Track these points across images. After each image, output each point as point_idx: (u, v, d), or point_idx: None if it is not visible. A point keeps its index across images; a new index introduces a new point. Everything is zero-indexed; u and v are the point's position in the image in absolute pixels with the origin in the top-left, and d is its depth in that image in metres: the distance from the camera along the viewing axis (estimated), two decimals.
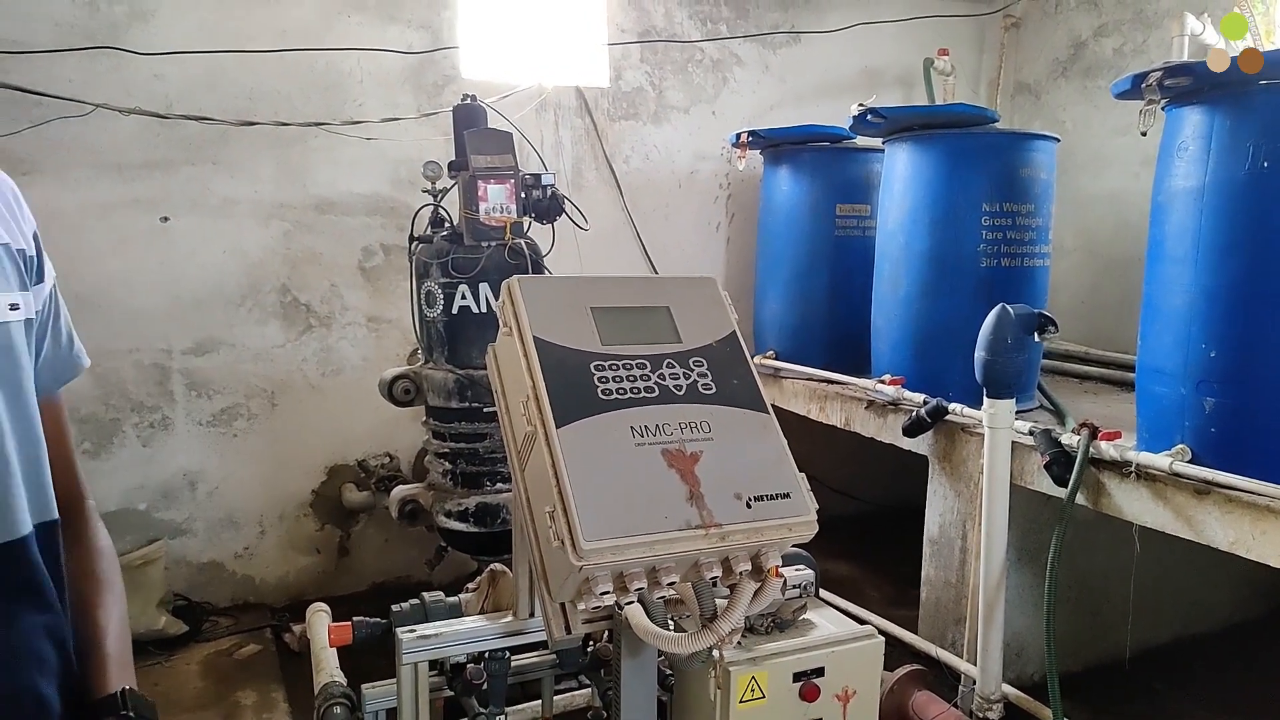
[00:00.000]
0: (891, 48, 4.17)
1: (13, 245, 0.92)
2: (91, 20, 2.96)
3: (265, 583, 3.46)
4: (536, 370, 1.17)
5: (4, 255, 0.90)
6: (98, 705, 0.95)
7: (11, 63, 2.83)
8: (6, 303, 0.89)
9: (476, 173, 2.67)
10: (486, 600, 1.50)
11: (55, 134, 2.89)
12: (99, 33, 2.96)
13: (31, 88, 2.83)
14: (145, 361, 3.17)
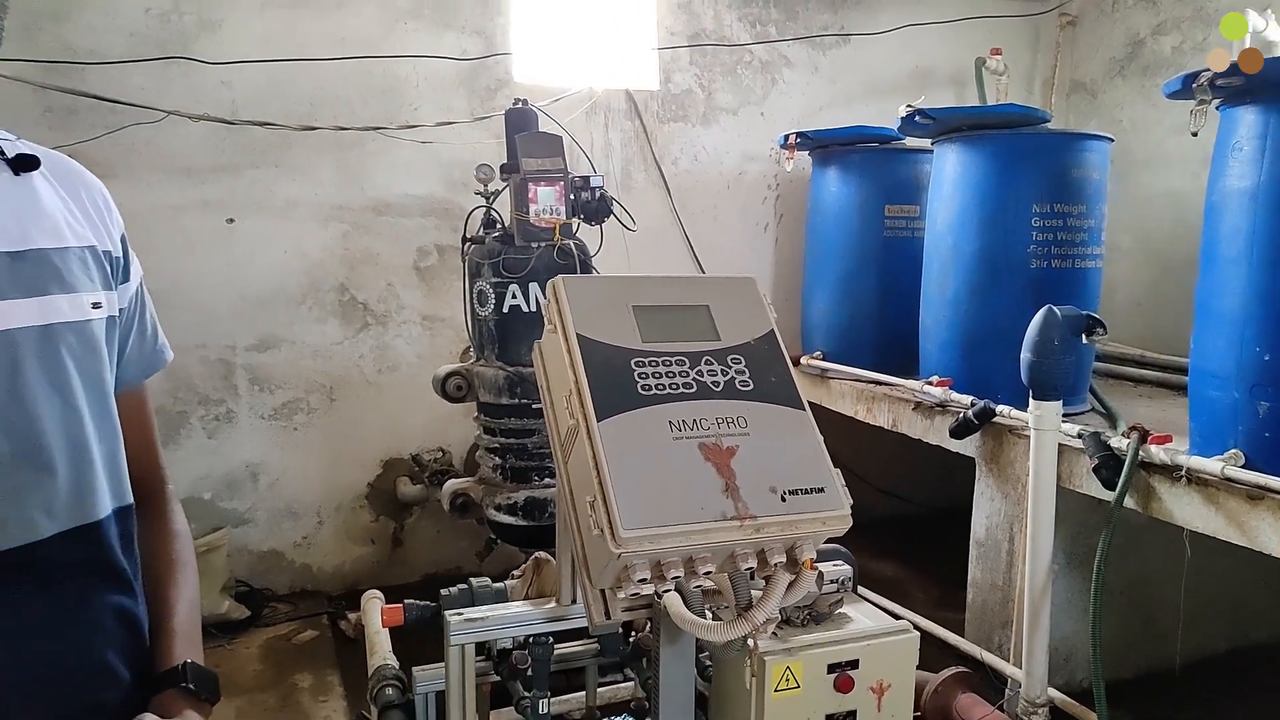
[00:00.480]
0: (943, 47, 4.14)
1: (99, 247, 0.98)
2: (163, 30, 3.10)
3: (323, 571, 3.58)
4: (579, 366, 1.21)
5: (89, 257, 0.96)
6: (161, 677, 1.00)
7: (90, 72, 2.98)
8: (89, 301, 0.95)
9: (527, 175, 2.73)
10: (531, 587, 1.56)
11: (129, 139, 3.04)
12: (170, 42, 3.10)
13: (108, 95, 2.98)
14: (211, 357, 3.31)
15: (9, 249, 0.87)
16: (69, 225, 0.95)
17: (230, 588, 3.33)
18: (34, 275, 0.89)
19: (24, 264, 0.88)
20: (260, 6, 3.20)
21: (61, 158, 1.01)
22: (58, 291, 0.91)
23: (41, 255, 0.90)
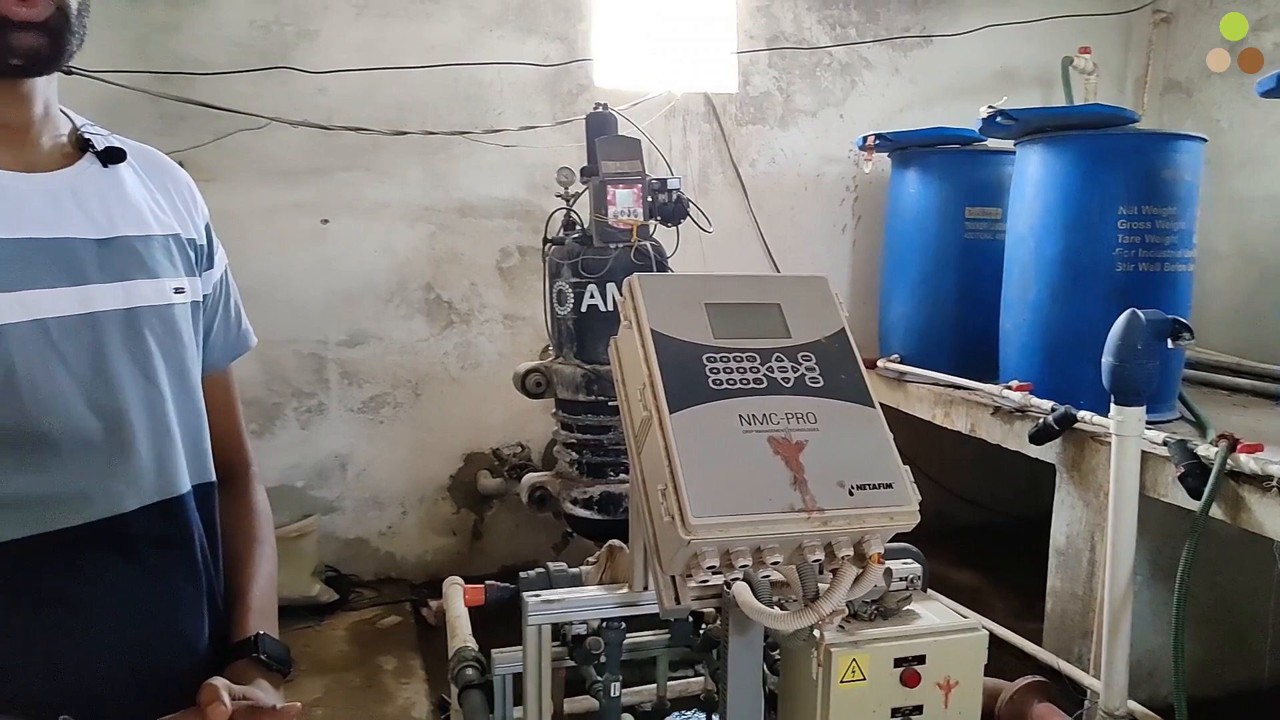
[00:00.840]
0: (1028, 47, 4.05)
1: (183, 235, 1.03)
2: (265, 40, 3.28)
3: (405, 560, 3.72)
4: (653, 360, 1.25)
5: (173, 244, 1.00)
6: (235, 647, 1.03)
7: (198, 80, 3.17)
8: (172, 286, 0.98)
9: (606, 178, 2.80)
10: (604, 573, 1.61)
11: (233, 144, 3.22)
12: (271, 51, 3.27)
13: (214, 103, 3.16)
14: (304, 351, 3.48)
15: (97, 236, 0.92)
16: (154, 214, 0.99)
17: (320, 572, 3.49)
18: (119, 261, 0.93)
19: (110, 250, 0.92)
20: (354, 16, 3.35)
21: (150, 150, 1.06)
22: (141, 277, 0.95)
23: (126, 242, 0.94)
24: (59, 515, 0.86)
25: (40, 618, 0.86)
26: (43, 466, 0.85)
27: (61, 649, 0.86)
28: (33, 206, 0.87)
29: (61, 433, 0.86)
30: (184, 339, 0.99)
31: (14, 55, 0.82)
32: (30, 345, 0.84)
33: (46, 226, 0.87)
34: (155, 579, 0.94)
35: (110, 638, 0.89)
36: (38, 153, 0.90)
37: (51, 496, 0.86)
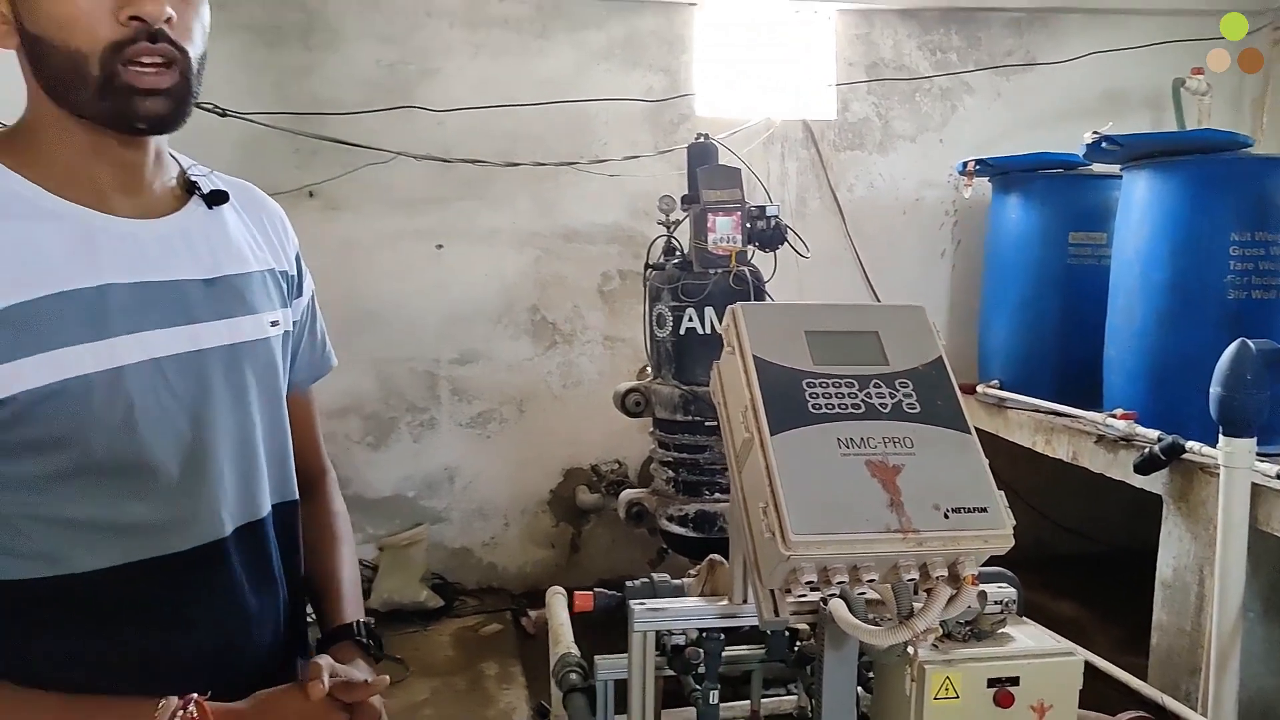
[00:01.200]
0: (1137, 69, 3.96)
1: (277, 268, 1.08)
2: (390, 78, 3.52)
3: (507, 570, 3.88)
4: (755, 385, 1.32)
5: (269, 278, 1.06)
6: (334, 632, 1.10)
7: (330, 119, 3.43)
8: (269, 320, 1.04)
9: (707, 206, 2.90)
10: (705, 585, 1.69)
11: (359, 177, 3.47)
12: (396, 89, 3.51)
13: (346, 139, 3.42)
14: (419, 369, 3.69)
15: (204, 276, 0.98)
16: (252, 250, 1.05)
17: (427, 579, 3.68)
18: (223, 300, 0.99)
19: (215, 290, 0.98)
20: (472, 55, 3.57)
21: (247, 186, 1.11)
22: (242, 313, 1.01)
23: (229, 281, 1.00)
24: (165, 540, 0.93)
25: (143, 630, 0.93)
26: (153, 495, 0.92)
27: (155, 657, 0.93)
28: (149, 252, 0.93)
29: (169, 464, 0.93)
30: (277, 368, 1.06)
31: (139, 120, 0.88)
32: (146, 383, 0.91)
33: (160, 270, 0.94)
34: (239, 595, 1.00)
35: (197, 648, 0.96)
36: (152, 198, 0.97)
37: (159, 523, 0.93)
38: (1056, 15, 3.97)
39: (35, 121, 0.90)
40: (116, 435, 0.88)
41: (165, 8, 0.84)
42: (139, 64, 0.85)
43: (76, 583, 0.89)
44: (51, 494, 0.87)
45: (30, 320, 0.83)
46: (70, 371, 0.85)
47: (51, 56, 0.85)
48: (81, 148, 0.90)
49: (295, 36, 3.45)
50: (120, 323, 0.89)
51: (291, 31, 3.45)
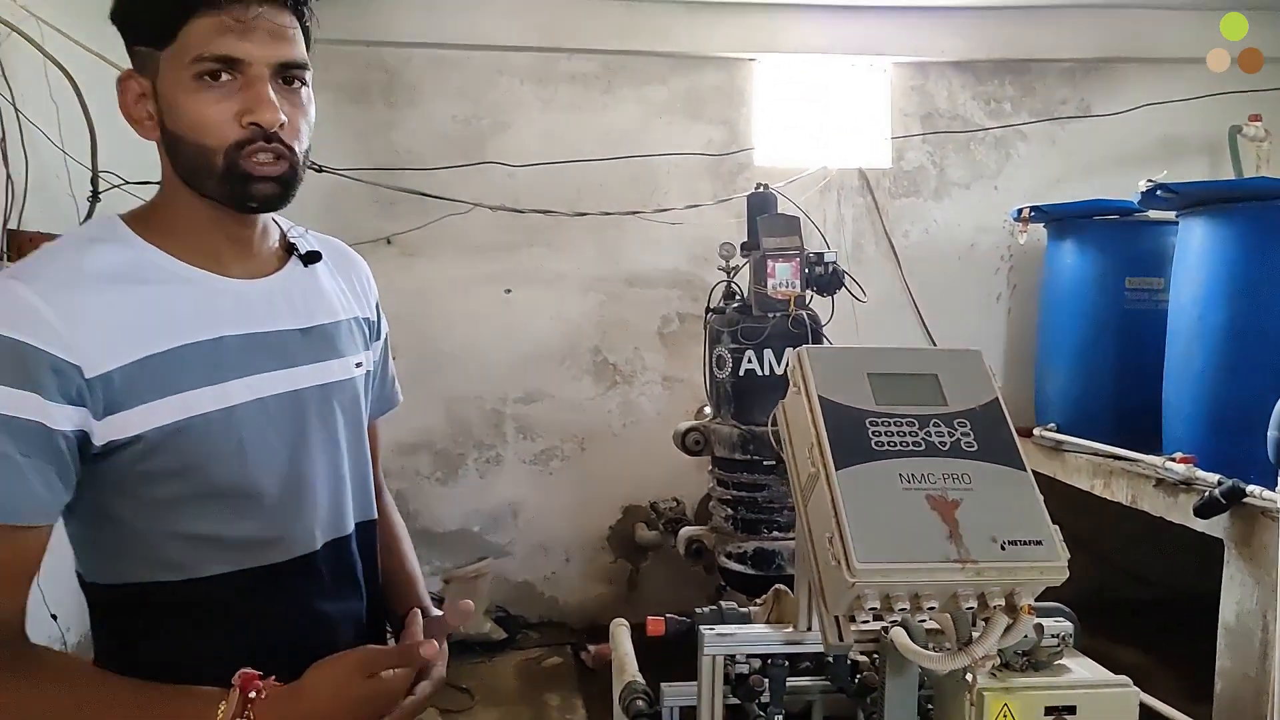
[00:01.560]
0: (1193, 116, 3.99)
1: (360, 316, 1.22)
2: (465, 132, 3.74)
3: (567, 604, 3.97)
4: (820, 423, 1.40)
5: (354, 325, 1.20)
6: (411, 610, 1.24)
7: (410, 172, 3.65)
8: (354, 362, 1.18)
9: (767, 253, 3.01)
10: (771, 614, 1.77)
11: (436, 225, 3.67)
12: (469, 141, 3.72)
13: (423, 190, 3.63)
14: (486, 407, 3.85)
15: (300, 326, 1.12)
16: (340, 301, 1.19)
17: (491, 611, 3.79)
18: (316, 346, 1.13)
19: (310, 337, 1.12)
20: (541, 110, 3.77)
21: (337, 243, 1.26)
22: (332, 357, 1.14)
23: (322, 330, 1.14)
24: (268, 553, 1.07)
25: (247, 628, 1.07)
26: (256, 515, 1.06)
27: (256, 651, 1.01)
28: (256, 307, 1.08)
29: (269, 488, 1.06)
30: (360, 404, 1.20)
31: (253, 201, 1.02)
32: (253, 419, 1.05)
33: (265, 322, 1.08)
34: (327, 600, 1.13)
35: (290, 644, 1.05)
36: (259, 261, 1.12)
37: (260, 539, 1.07)
38: (1110, 65, 4.03)
39: (168, 199, 1.07)
40: (229, 464, 1.03)
41: (279, 116, 0.99)
42: (255, 159, 1.00)
43: (198, 587, 1.04)
44: (179, 513, 1.02)
45: (160, 369, 0.99)
46: (192, 411, 1.00)
47: (185, 149, 1.00)
48: (205, 222, 1.05)
49: (378, 94, 3.70)
50: (232, 368, 1.04)
51: (375, 90, 3.70)
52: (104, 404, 0.95)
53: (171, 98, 0.99)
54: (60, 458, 0.94)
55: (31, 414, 0.91)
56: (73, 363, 0.93)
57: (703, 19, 3.77)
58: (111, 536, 1.03)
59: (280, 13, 1.00)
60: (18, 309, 0.92)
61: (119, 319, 0.97)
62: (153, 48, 0.99)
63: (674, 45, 3.80)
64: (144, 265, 1.02)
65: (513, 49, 3.76)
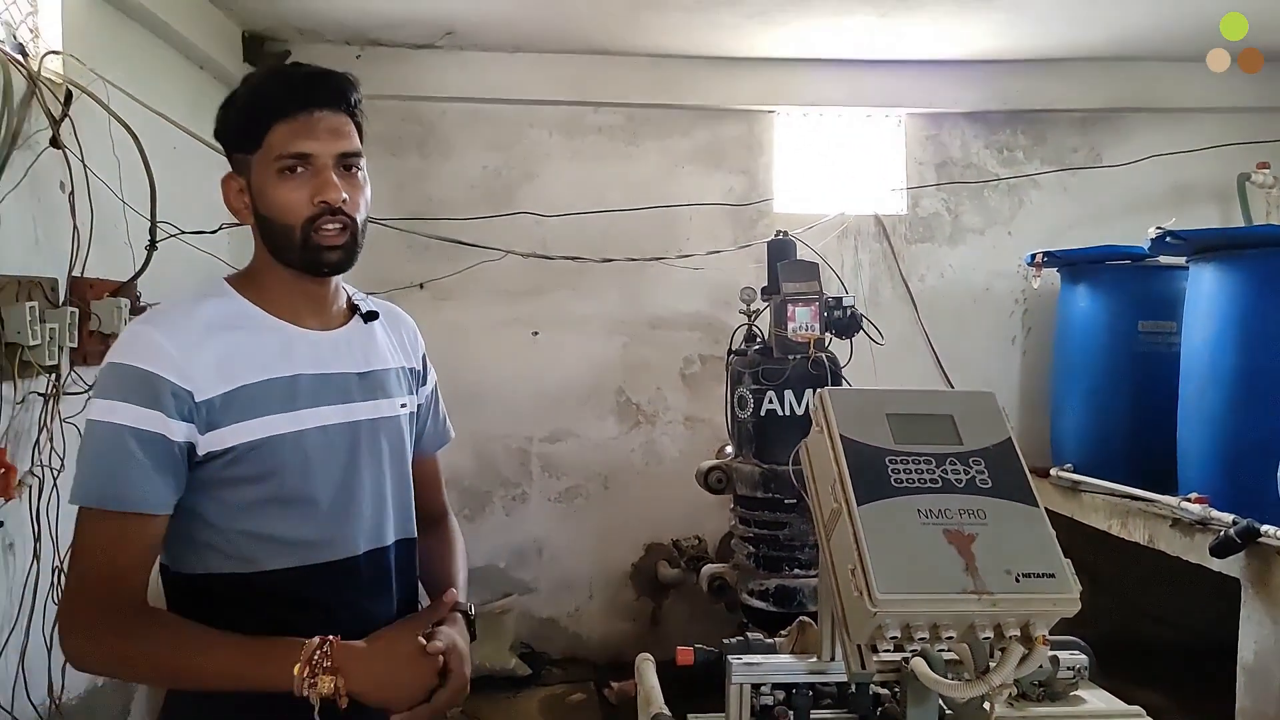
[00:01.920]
0: (1202, 163, 4.07)
1: (407, 366, 1.47)
2: (495, 181, 3.90)
3: (590, 641, 4.02)
4: (841, 460, 1.48)
5: (402, 373, 1.45)
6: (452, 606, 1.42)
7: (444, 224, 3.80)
8: (400, 403, 1.42)
9: (787, 297, 3.12)
10: (795, 644, 1.84)
11: (470, 272, 3.81)
12: (499, 191, 3.88)
13: (455, 237, 3.78)
14: (513, 446, 3.95)
15: (358, 370, 1.36)
16: (391, 353, 1.44)
17: (516, 647, 3.85)
18: (370, 387, 1.37)
19: (365, 380, 1.37)
20: (568, 160, 3.93)
21: (392, 306, 1.52)
22: (382, 397, 1.39)
23: (375, 375, 1.39)
24: (320, 553, 1.29)
25: (299, 614, 1.26)
26: (312, 520, 1.28)
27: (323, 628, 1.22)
28: (324, 353, 1.33)
29: (324, 499, 1.29)
30: (404, 439, 1.43)
31: (325, 266, 1.28)
32: (317, 442, 1.29)
33: (331, 365, 1.33)
34: (364, 598, 1.33)
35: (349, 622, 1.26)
36: (329, 316, 1.37)
37: (317, 540, 1.29)
38: (1120, 115, 4.15)
39: (260, 267, 1.34)
40: (296, 477, 1.27)
41: (341, 195, 1.25)
42: (324, 230, 1.25)
43: (263, 578, 1.26)
44: (251, 515, 1.25)
45: (250, 396, 1.24)
46: (271, 431, 1.25)
47: (273, 228, 1.27)
48: (288, 285, 1.32)
49: (414, 146, 3.87)
50: (304, 400, 1.29)
51: (411, 142, 3.87)
52: (207, 422, 1.21)
53: (261, 189, 1.27)
54: (176, 463, 1.20)
55: (157, 428, 1.17)
56: (187, 389, 1.19)
57: (723, 74, 3.92)
58: (196, 532, 1.25)
59: (337, 115, 1.27)
60: (149, 346, 1.20)
61: (221, 356, 1.23)
62: (246, 154, 1.27)
63: (696, 99, 3.96)
64: (241, 316, 1.29)
65: (542, 103, 3.93)
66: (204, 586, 1.26)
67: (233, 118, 1.29)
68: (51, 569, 2.32)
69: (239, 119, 1.28)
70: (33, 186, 2.30)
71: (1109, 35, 3.69)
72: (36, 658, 2.29)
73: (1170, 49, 3.86)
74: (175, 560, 1.28)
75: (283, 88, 1.27)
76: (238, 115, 1.28)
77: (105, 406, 1.18)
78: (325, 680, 1.15)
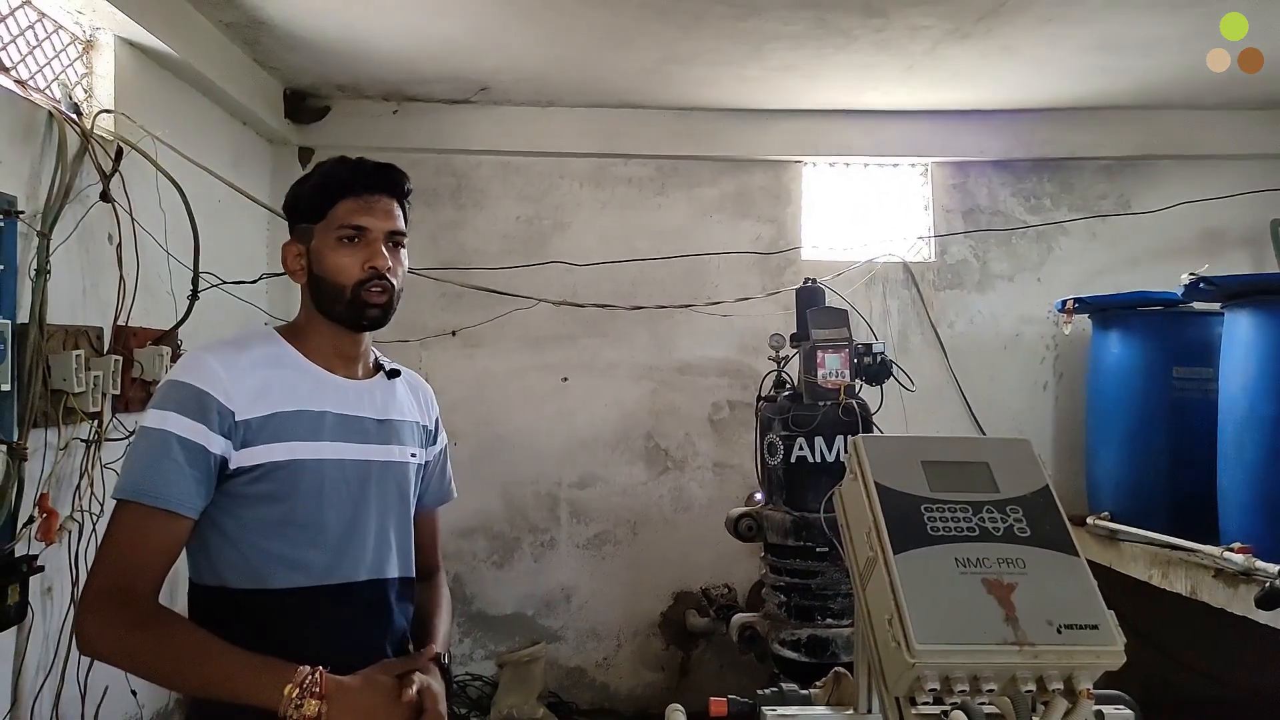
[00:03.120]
0: (1233, 209, 4.04)
1: (420, 422, 1.62)
2: (527, 231, 3.96)
3: (618, 692, 3.97)
4: (877, 508, 1.47)
5: (415, 427, 1.61)
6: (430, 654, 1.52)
7: (478, 273, 3.86)
8: (410, 452, 1.57)
9: (816, 344, 3.12)
10: (831, 696, 1.81)
11: (501, 320, 3.86)
12: (531, 240, 3.94)
13: (488, 286, 3.84)
14: (541, 492, 3.95)
15: (377, 417, 1.52)
16: (408, 408, 1.60)
17: (544, 696, 3.81)
18: (385, 433, 1.53)
19: (382, 426, 1.53)
20: (599, 210, 4.00)
21: (411, 372, 1.66)
22: (395, 443, 1.54)
23: (391, 423, 1.54)
24: (325, 575, 1.42)
25: (304, 630, 1.39)
26: (323, 544, 1.42)
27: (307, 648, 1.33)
28: (349, 397, 1.50)
29: (333, 525, 1.43)
30: (409, 484, 1.58)
31: (365, 320, 1.46)
32: (333, 473, 1.44)
33: (354, 409, 1.50)
34: (366, 623, 1.46)
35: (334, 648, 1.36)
36: (358, 369, 1.54)
37: (324, 563, 1.42)
38: (1149, 162, 4.15)
39: (305, 321, 1.53)
40: (311, 501, 1.41)
41: (388, 263, 1.46)
42: (370, 290, 1.45)
43: (273, 595, 1.39)
44: (267, 535, 1.39)
45: (282, 422, 1.41)
46: (295, 456, 1.41)
47: (326, 287, 1.47)
48: (326, 337, 1.50)
49: (448, 197, 3.96)
50: (327, 434, 1.45)
51: (445, 193, 3.96)
52: (243, 439, 1.37)
53: (320, 253, 1.47)
54: (209, 472, 1.35)
55: (199, 438, 1.33)
56: (230, 408, 1.36)
57: (751, 125, 3.99)
58: (216, 546, 1.39)
59: (391, 201, 1.50)
60: (204, 368, 1.38)
61: (261, 385, 1.41)
62: (311, 223, 1.48)
63: (723, 150, 4.02)
64: (284, 357, 1.48)
65: (573, 155, 4.01)
66: (219, 600, 1.39)
67: (305, 193, 1.50)
68: None
69: (310, 194, 1.49)
70: (82, 239, 2.38)
71: (1136, 84, 3.71)
72: (71, 704, 2.31)
73: (1198, 97, 3.88)
74: (196, 571, 1.42)
75: (351, 172, 1.48)
76: (310, 191, 1.49)
77: (159, 416, 1.34)
78: (311, 704, 1.24)
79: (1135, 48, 3.31)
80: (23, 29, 2.36)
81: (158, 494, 1.30)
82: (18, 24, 2.34)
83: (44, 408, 2.18)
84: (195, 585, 1.42)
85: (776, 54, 3.33)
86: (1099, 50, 3.34)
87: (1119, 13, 2.98)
